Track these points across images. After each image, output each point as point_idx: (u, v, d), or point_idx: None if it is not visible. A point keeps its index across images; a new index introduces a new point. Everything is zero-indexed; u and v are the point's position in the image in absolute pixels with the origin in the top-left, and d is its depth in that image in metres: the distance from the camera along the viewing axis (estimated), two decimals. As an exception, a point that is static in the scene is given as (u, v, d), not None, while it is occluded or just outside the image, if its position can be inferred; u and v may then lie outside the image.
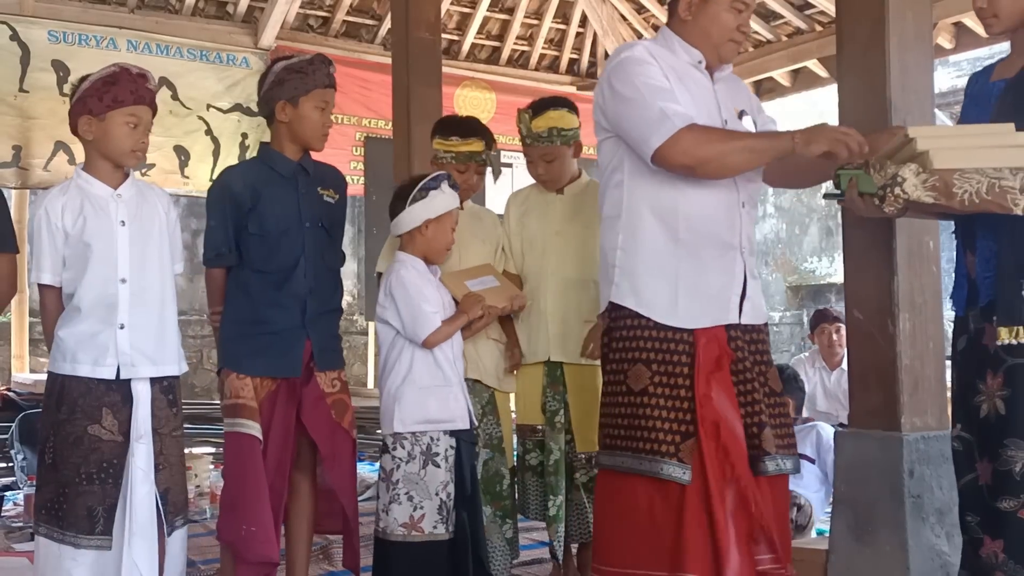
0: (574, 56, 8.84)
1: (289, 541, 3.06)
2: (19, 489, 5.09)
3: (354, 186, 6.91)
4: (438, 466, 2.89)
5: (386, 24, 7.66)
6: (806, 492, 4.25)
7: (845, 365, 5.98)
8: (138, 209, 2.77)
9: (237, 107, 7.32)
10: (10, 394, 5.88)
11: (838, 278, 11.86)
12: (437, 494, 2.87)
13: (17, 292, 3.42)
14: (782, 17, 7.43)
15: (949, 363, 2.84)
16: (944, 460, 2.89)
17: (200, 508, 4.88)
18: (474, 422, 3.03)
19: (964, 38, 6.71)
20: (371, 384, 8.17)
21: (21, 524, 4.63)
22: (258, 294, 2.92)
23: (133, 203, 2.76)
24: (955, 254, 2.47)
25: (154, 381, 2.74)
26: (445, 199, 2.99)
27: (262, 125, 7.12)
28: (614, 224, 2.55)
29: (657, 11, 8.05)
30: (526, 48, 8.63)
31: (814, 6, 7.22)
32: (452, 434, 2.93)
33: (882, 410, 2.96)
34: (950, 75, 10.20)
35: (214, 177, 7.26)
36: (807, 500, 4.20)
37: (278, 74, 2.99)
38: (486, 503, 3.23)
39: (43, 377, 6.75)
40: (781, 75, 7.81)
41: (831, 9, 6.82)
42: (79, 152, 6.57)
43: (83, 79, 2.77)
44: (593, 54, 8.86)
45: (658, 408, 2.41)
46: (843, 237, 3.17)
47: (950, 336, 2.63)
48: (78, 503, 2.63)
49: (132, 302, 2.70)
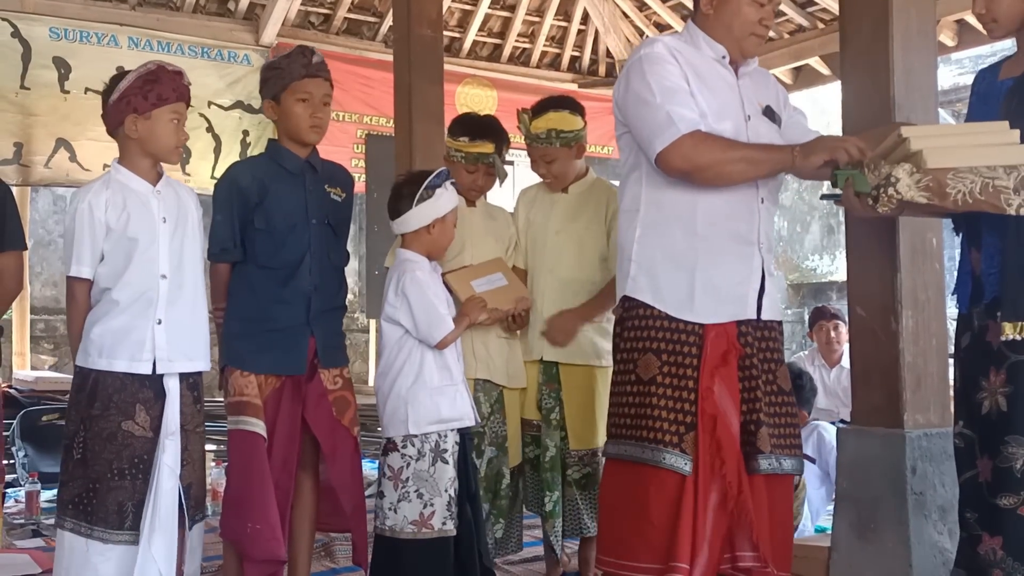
0: (576, 53, 8.83)
1: (291, 539, 3.05)
2: (20, 486, 5.08)
3: (355, 183, 6.89)
4: (446, 463, 2.89)
5: (387, 21, 7.65)
6: (807, 491, 4.25)
7: (845, 362, 5.99)
8: (175, 206, 2.81)
9: (238, 104, 7.31)
10: (11, 391, 5.88)
11: (839, 276, 11.86)
12: (446, 490, 2.87)
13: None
14: (784, 15, 7.41)
15: (952, 360, 2.84)
16: (947, 457, 2.88)
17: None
18: (478, 419, 3.04)
19: (966, 35, 6.69)
20: (372, 382, 8.15)
21: (23, 521, 4.63)
22: (262, 291, 2.92)
23: (171, 200, 2.81)
24: (957, 251, 2.47)
25: (182, 377, 2.76)
26: (449, 197, 2.99)
27: (264, 122, 7.17)
28: (632, 218, 2.56)
29: (659, 8, 8.04)
30: (528, 45, 8.62)
31: (816, 3, 7.22)
32: (457, 430, 2.93)
33: (885, 407, 2.96)
34: (952, 73, 10.20)
35: (215, 174, 7.28)
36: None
37: (263, 74, 3.04)
38: (484, 500, 3.22)
39: (44, 374, 6.79)
40: (783, 72, 7.79)
41: (833, 6, 6.82)
42: (80, 149, 6.72)
43: (117, 78, 2.78)
44: (595, 52, 8.84)
45: (664, 398, 2.43)
46: (846, 234, 3.17)
47: (952, 333, 2.63)
48: (109, 498, 2.64)
49: (169, 298, 2.73)
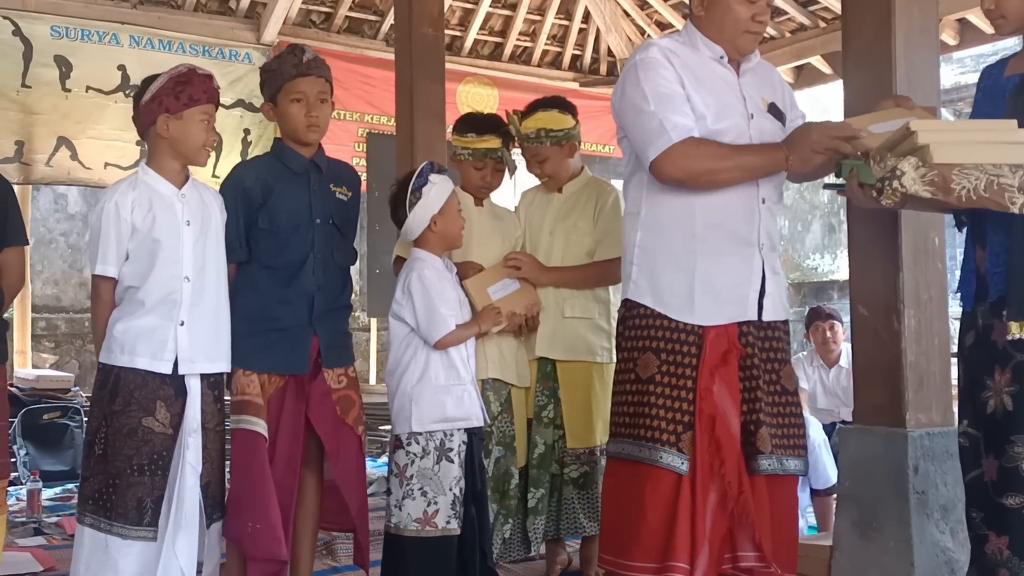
0: (577, 52, 8.82)
1: (294, 537, 3.04)
2: (21, 484, 5.08)
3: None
4: (452, 461, 2.89)
5: (388, 20, 7.65)
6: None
7: (843, 362, 6.00)
8: (199, 209, 2.83)
9: (239, 103, 7.31)
10: (12, 389, 5.87)
11: (840, 275, 11.87)
12: (451, 489, 2.87)
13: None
14: (786, 13, 7.42)
15: (954, 359, 2.84)
16: (949, 456, 2.89)
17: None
18: (486, 419, 3.04)
19: (968, 34, 6.70)
20: (373, 380, 8.15)
21: (24, 519, 4.63)
22: (266, 290, 2.92)
23: (195, 203, 2.82)
24: (959, 250, 2.46)
25: (204, 377, 2.78)
26: (439, 188, 2.96)
27: (265, 121, 7.17)
28: (634, 221, 2.57)
29: (660, 7, 8.03)
30: (529, 44, 8.62)
31: (818, 2, 7.22)
32: (465, 430, 2.93)
33: (887, 406, 2.96)
34: (953, 71, 10.20)
35: (216, 172, 7.27)
36: None
37: (260, 76, 3.04)
38: (492, 500, 3.23)
39: (45, 372, 6.78)
40: (784, 71, 7.79)
41: (835, 5, 6.82)
42: (81, 148, 6.72)
43: (149, 80, 2.81)
44: (596, 50, 8.84)
45: (663, 397, 2.43)
46: (848, 233, 3.17)
47: (954, 332, 2.62)
48: (128, 494, 2.66)
49: (192, 300, 2.76)
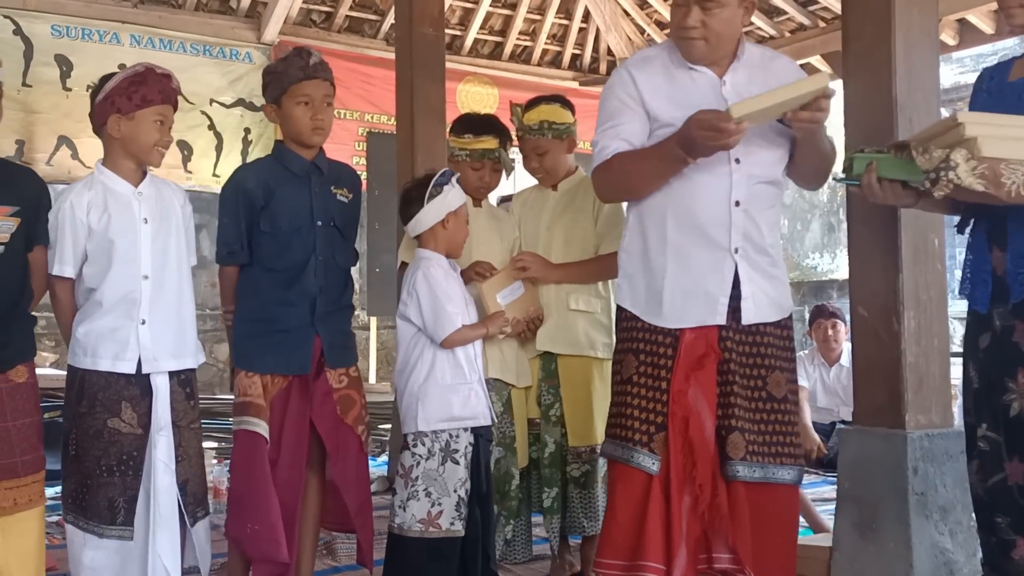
0: (577, 51, 8.83)
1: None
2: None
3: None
4: (457, 463, 2.89)
5: (388, 19, 7.66)
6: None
7: (844, 361, 6.01)
8: (158, 206, 2.82)
9: (240, 102, 7.33)
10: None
11: (840, 274, 11.87)
12: (455, 491, 2.87)
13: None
14: (785, 13, 7.42)
15: (954, 359, 2.83)
16: (948, 458, 2.89)
17: (204, 503, 4.87)
18: (494, 419, 3.05)
19: (967, 34, 6.72)
20: (372, 379, 8.15)
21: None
22: (268, 292, 2.93)
23: (153, 200, 2.82)
24: (958, 250, 2.41)
25: (172, 374, 2.78)
26: (457, 193, 3.01)
27: (265, 120, 7.17)
28: (625, 225, 2.63)
29: (660, 7, 8.04)
30: (529, 43, 8.62)
31: (817, 2, 7.22)
32: (471, 431, 2.94)
33: (886, 407, 2.96)
34: (952, 71, 10.20)
35: (217, 172, 7.28)
36: None
37: (263, 78, 3.03)
38: (494, 502, 3.23)
39: (45, 371, 6.78)
40: (784, 71, 7.79)
41: (834, 5, 6.83)
42: (82, 147, 6.72)
43: (106, 78, 2.80)
44: (596, 50, 8.85)
45: (639, 397, 2.47)
46: (848, 234, 3.17)
47: (952, 333, 2.60)
48: (100, 494, 2.68)
49: (153, 298, 2.75)
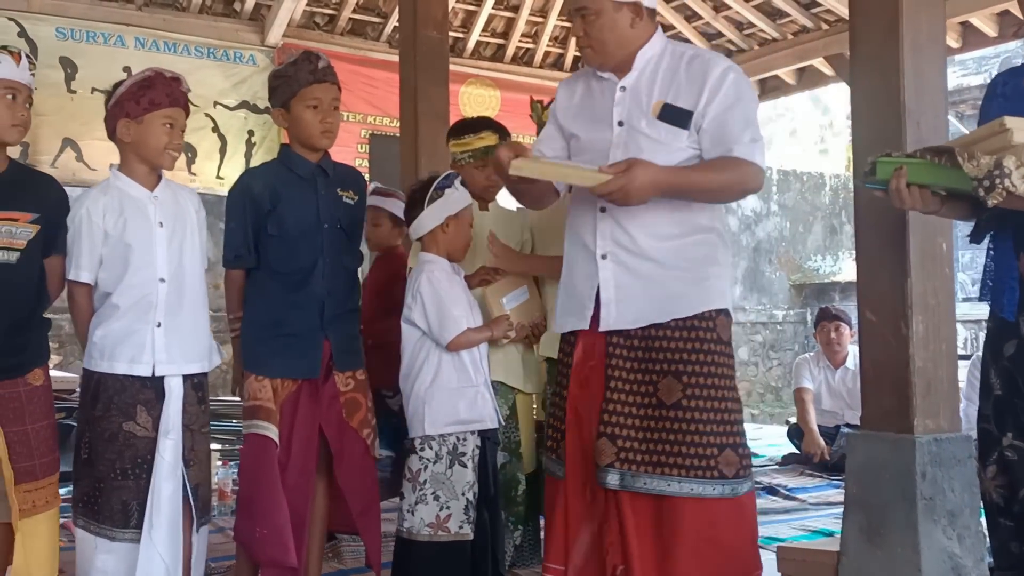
0: (579, 54, 8.82)
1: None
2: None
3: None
4: (464, 466, 2.90)
5: (392, 22, 7.66)
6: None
7: (849, 364, 6.00)
8: (173, 210, 2.84)
9: (244, 104, 7.33)
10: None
11: (842, 276, 11.88)
12: (463, 494, 2.88)
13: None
14: (788, 15, 7.42)
15: (961, 363, 2.82)
16: (957, 462, 2.89)
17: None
18: (501, 422, 3.05)
19: (971, 37, 6.71)
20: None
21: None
22: (276, 296, 2.93)
23: (168, 204, 2.83)
24: (962, 252, 2.39)
25: (185, 378, 2.79)
26: (460, 196, 3.02)
27: (269, 123, 7.19)
28: None
29: (660, 8, 8.04)
30: (531, 46, 8.62)
31: (820, 4, 7.21)
32: (478, 434, 2.94)
33: (895, 412, 2.96)
34: (956, 74, 10.22)
35: (221, 174, 7.28)
36: None
37: (270, 82, 3.03)
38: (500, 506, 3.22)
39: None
40: (786, 73, 7.80)
41: (837, 7, 6.82)
42: (86, 149, 6.73)
43: (117, 84, 2.83)
44: (598, 52, 8.85)
45: (553, 406, 2.59)
46: (856, 238, 3.17)
47: (959, 338, 2.59)
48: (113, 498, 2.69)
49: (168, 301, 2.77)
